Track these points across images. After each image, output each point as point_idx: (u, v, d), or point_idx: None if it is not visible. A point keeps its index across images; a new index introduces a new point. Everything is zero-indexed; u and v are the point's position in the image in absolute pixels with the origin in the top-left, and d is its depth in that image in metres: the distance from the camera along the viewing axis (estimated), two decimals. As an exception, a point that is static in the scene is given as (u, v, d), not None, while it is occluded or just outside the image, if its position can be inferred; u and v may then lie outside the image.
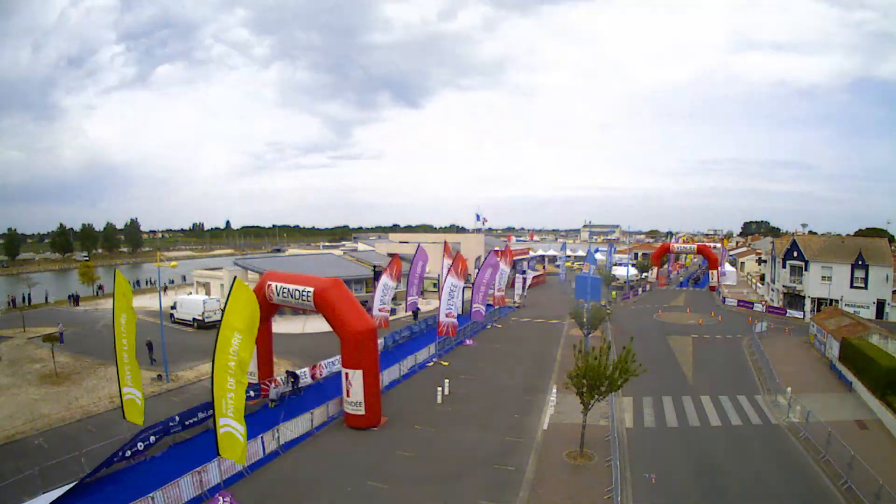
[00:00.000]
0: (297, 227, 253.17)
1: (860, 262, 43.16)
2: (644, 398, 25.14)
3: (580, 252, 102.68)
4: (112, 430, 20.12)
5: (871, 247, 44.70)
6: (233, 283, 15.53)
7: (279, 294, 23.26)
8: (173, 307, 42.78)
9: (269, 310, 25.03)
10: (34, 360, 30.91)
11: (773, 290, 53.34)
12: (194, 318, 40.78)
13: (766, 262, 62.10)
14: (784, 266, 48.60)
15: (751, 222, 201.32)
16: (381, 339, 32.44)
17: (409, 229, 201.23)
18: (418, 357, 31.12)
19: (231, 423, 15.07)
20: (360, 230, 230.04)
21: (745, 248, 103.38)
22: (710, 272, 68.80)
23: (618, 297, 56.29)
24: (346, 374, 21.10)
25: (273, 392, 24.46)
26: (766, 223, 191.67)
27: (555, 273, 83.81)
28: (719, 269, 65.43)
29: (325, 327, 25.28)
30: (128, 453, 17.78)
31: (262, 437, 18.57)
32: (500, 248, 61.22)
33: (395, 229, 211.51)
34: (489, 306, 45.01)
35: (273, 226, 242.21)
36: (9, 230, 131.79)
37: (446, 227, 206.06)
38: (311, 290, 21.92)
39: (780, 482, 17.16)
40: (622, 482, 16.50)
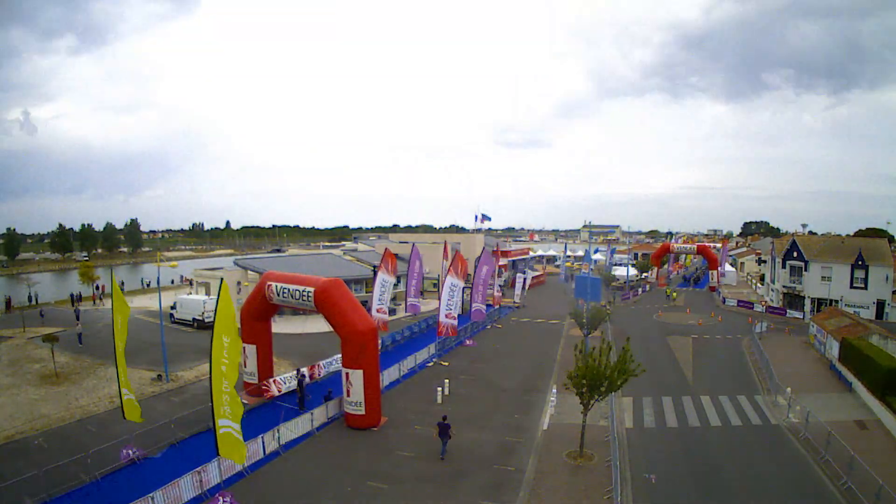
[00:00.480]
0: (297, 227, 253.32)
1: (860, 263, 43.17)
2: (644, 398, 25.15)
3: (580, 252, 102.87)
4: (112, 431, 20.13)
5: (871, 247, 44.72)
6: (220, 286, 15.57)
7: (279, 294, 23.24)
8: (173, 307, 42.80)
9: (269, 310, 25.02)
10: (34, 361, 30.90)
11: (772, 291, 53.35)
12: (194, 318, 40.79)
13: (765, 262, 62.10)
14: (784, 266, 48.61)
15: (751, 222, 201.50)
16: (381, 339, 32.45)
17: (409, 229, 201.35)
18: (418, 357, 31.12)
19: (229, 424, 15.09)
20: (360, 230, 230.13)
21: (744, 249, 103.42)
22: (710, 272, 68.81)
23: (617, 299, 56.14)
24: (347, 374, 21.10)
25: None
26: (766, 223, 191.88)
27: (555, 273, 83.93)
28: (719, 269, 65.47)
29: (325, 327, 25.32)
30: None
31: (262, 437, 18.57)
32: (497, 248, 61.38)
33: (395, 229, 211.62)
34: (489, 306, 45.04)
35: (273, 226, 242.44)
36: (8, 230, 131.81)
37: (446, 228, 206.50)
38: (312, 290, 21.91)
39: (779, 482, 17.18)
40: (622, 482, 16.50)
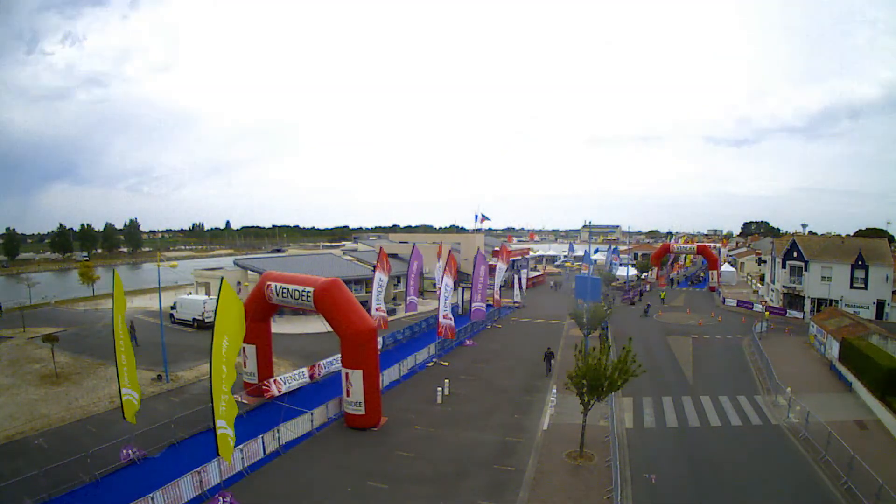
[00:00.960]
0: (297, 227, 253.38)
1: (860, 263, 43.15)
2: (644, 398, 25.14)
3: (579, 252, 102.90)
4: (112, 431, 20.14)
5: (871, 247, 44.69)
6: (220, 285, 15.56)
7: (279, 294, 23.23)
8: (173, 307, 42.80)
9: (269, 310, 25.02)
10: (34, 361, 30.91)
11: (772, 291, 53.34)
12: (194, 319, 40.80)
13: (765, 262, 62.11)
14: (784, 266, 48.59)
15: (751, 222, 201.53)
16: (381, 339, 32.45)
17: (409, 229, 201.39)
18: (418, 357, 31.11)
19: (224, 426, 15.11)
20: (360, 230, 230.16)
21: (744, 249, 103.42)
22: (709, 272, 68.82)
23: (616, 300, 55.76)
24: (346, 374, 21.09)
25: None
26: (766, 223, 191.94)
27: (556, 273, 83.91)
28: (719, 269, 65.50)
29: (324, 327, 25.24)
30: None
31: (262, 437, 18.57)
32: (497, 248, 61.32)
33: (395, 229, 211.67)
34: (489, 306, 45.03)
35: (273, 226, 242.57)
36: (8, 230, 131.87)
37: (446, 228, 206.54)
38: (311, 290, 21.90)
39: (779, 482, 17.17)
40: (622, 482, 16.50)
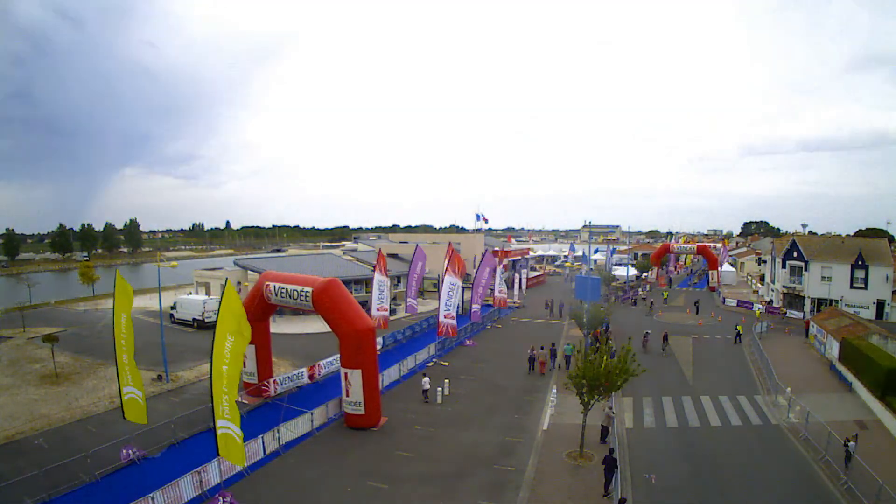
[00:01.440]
0: (297, 227, 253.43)
1: (860, 263, 43.15)
2: (644, 398, 25.13)
3: (579, 252, 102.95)
4: (112, 431, 20.12)
5: (871, 247, 44.68)
6: (224, 286, 15.59)
7: (277, 294, 23.21)
8: (173, 307, 42.82)
9: (268, 310, 24.99)
10: (34, 360, 30.92)
11: (772, 291, 53.33)
12: (194, 319, 40.81)
13: (765, 262, 62.07)
14: (784, 266, 48.58)
15: (751, 222, 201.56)
16: (381, 339, 32.47)
17: (409, 229, 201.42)
18: (418, 357, 31.09)
19: (228, 425, 15.08)
20: (360, 230, 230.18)
21: (744, 249, 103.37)
22: (709, 272, 68.78)
23: (616, 300, 55.50)
24: (346, 373, 21.08)
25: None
26: (766, 223, 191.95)
27: (557, 273, 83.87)
28: (719, 269, 65.45)
29: (324, 327, 25.30)
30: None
31: (262, 437, 18.56)
32: (498, 248, 61.37)
33: (395, 229, 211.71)
34: (489, 306, 45.05)
35: (273, 226, 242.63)
36: (8, 230, 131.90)
37: (446, 228, 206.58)
38: (310, 289, 21.88)
39: (779, 482, 17.16)
40: (622, 482, 16.48)
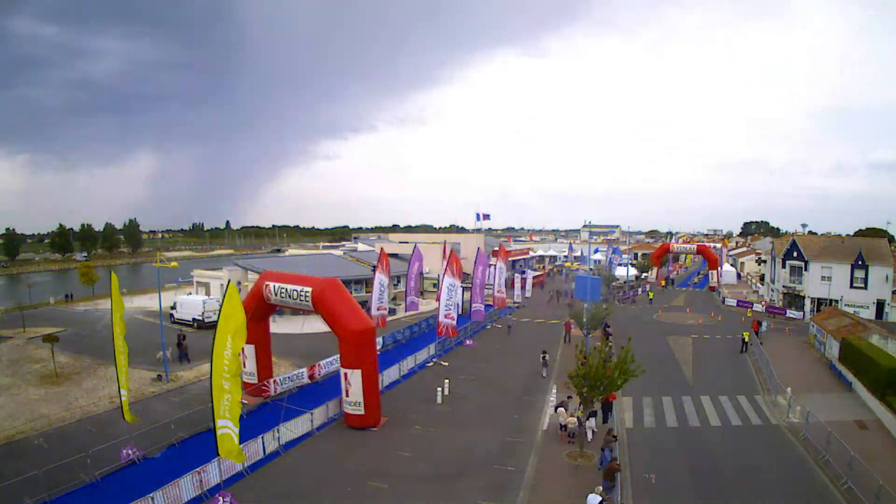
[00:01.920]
0: (297, 227, 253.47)
1: (860, 262, 43.14)
2: (644, 398, 25.13)
3: (578, 252, 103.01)
4: (112, 431, 20.11)
5: (871, 247, 44.68)
6: (227, 286, 15.65)
7: (277, 294, 23.20)
8: (173, 307, 42.80)
9: (267, 310, 25.00)
10: (34, 361, 30.91)
11: (772, 291, 53.34)
12: (194, 318, 40.81)
13: (765, 262, 62.09)
14: (784, 266, 48.59)
15: (751, 222, 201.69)
16: (381, 339, 32.46)
17: (409, 229, 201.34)
18: (418, 357, 31.08)
19: (228, 425, 15.09)
20: (360, 230, 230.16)
21: (744, 249, 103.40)
22: (710, 272, 68.81)
23: (616, 301, 55.37)
24: (345, 374, 21.07)
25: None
26: (766, 223, 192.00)
27: (556, 273, 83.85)
28: (719, 269, 65.48)
29: (324, 327, 25.25)
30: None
31: (262, 437, 18.56)
32: (497, 248, 61.32)
33: (395, 229, 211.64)
34: (489, 306, 45.01)
35: (273, 226, 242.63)
36: (8, 230, 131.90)
37: (446, 228, 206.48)
38: (310, 290, 21.88)
39: (779, 482, 17.16)
40: (622, 482, 16.48)
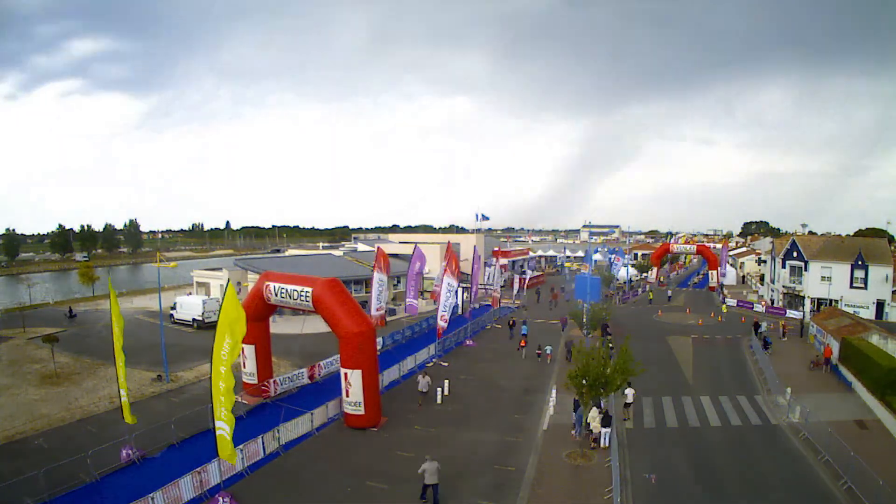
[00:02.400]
0: (297, 227, 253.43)
1: (860, 262, 43.15)
2: (644, 398, 25.08)
3: (579, 252, 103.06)
4: (112, 431, 20.11)
5: (871, 247, 44.69)
6: (226, 287, 15.65)
7: (277, 294, 23.21)
8: (173, 307, 42.82)
9: (267, 310, 24.99)
10: (34, 361, 30.93)
11: (772, 291, 53.34)
12: (194, 319, 40.83)
13: (765, 262, 62.10)
14: (784, 266, 48.60)
15: (751, 222, 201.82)
16: (381, 339, 32.43)
17: (409, 229, 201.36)
18: (418, 357, 31.09)
19: (222, 426, 15.11)
20: (360, 230, 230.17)
21: (744, 249, 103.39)
22: (710, 272, 68.82)
23: (616, 301, 55.36)
24: (346, 374, 21.07)
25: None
26: (766, 223, 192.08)
27: (556, 273, 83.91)
28: (719, 269, 65.47)
29: (324, 327, 25.27)
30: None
31: (262, 438, 18.56)
32: (497, 249, 61.42)
33: (395, 229, 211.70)
34: (488, 307, 45.04)
35: (273, 226, 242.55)
36: (8, 230, 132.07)
37: (446, 228, 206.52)
38: (310, 290, 21.88)
39: (779, 482, 17.16)
40: (622, 482, 16.49)
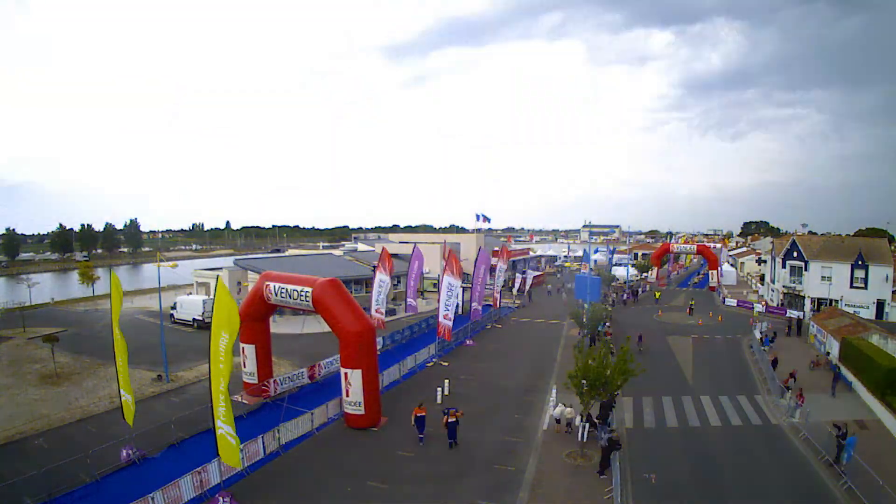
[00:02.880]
0: (297, 227, 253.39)
1: (860, 262, 43.14)
2: (644, 398, 25.13)
3: (579, 252, 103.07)
4: (112, 431, 20.11)
5: (871, 247, 44.68)
6: (216, 284, 15.57)
7: (277, 294, 23.20)
8: (173, 307, 42.82)
9: (268, 310, 24.99)
10: (34, 361, 30.92)
11: (772, 290, 53.33)
12: (194, 319, 40.83)
13: (765, 262, 62.09)
14: (784, 266, 48.59)
15: (751, 222, 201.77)
16: (381, 339, 32.42)
17: (409, 229, 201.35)
18: (418, 357, 31.07)
19: (224, 427, 15.07)
20: (360, 230, 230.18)
21: (744, 249, 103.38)
22: (709, 272, 68.81)
23: (616, 301, 55.28)
24: (346, 374, 21.07)
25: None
26: (766, 223, 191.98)
27: (557, 273, 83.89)
28: (719, 269, 65.48)
29: (324, 327, 25.33)
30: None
31: (262, 438, 18.55)
32: (498, 248, 61.38)
33: (395, 229, 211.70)
34: (488, 306, 45.03)
35: (273, 226, 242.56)
36: (8, 230, 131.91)
37: (446, 228, 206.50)
38: (310, 290, 21.87)
39: (780, 482, 17.17)
40: (622, 482, 16.49)
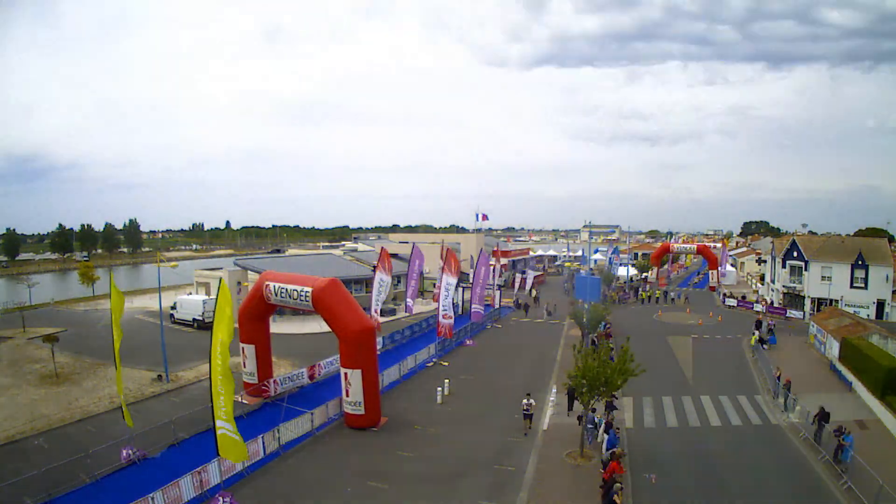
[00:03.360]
0: (297, 227, 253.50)
1: (860, 262, 43.13)
2: (644, 398, 25.14)
3: (578, 252, 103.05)
4: (112, 431, 20.12)
5: (871, 247, 44.65)
6: (219, 285, 15.65)
7: (277, 294, 23.20)
8: (173, 307, 42.80)
9: (267, 310, 24.99)
10: (34, 361, 30.92)
11: (772, 291, 53.32)
12: (194, 319, 40.82)
13: (765, 262, 62.08)
14: (784, 266, 48.58)
15: (751, 222, 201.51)
16: (381, 339, 32.45)
17: (409, 229, 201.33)
18: (418, 357, 31.06)
19: (225, 426, 15.08)
20: (360, 230, 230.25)
21: (744, 249, 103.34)
22: (710, 272, 68.79)
23: (617, 300, 55.33)
24: (346, 374, 21.07)
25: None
26: (766, 223, 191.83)
27: (557, 273, 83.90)
28: (720, 269, 65.43)
29: (324, 327, 25.31)
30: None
31: (262, 438, 18.54)
32: (497, 248, 61.44)
33: (395, 229, 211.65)
34: (488, 306, 45.03)
35: (273, 226, 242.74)
36: (8, 230, 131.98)
37: (446, 228, 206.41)
38: (310, 289, 21.87)
39: (780, 482, 17.17)
40: (623, 482, 16.47)
